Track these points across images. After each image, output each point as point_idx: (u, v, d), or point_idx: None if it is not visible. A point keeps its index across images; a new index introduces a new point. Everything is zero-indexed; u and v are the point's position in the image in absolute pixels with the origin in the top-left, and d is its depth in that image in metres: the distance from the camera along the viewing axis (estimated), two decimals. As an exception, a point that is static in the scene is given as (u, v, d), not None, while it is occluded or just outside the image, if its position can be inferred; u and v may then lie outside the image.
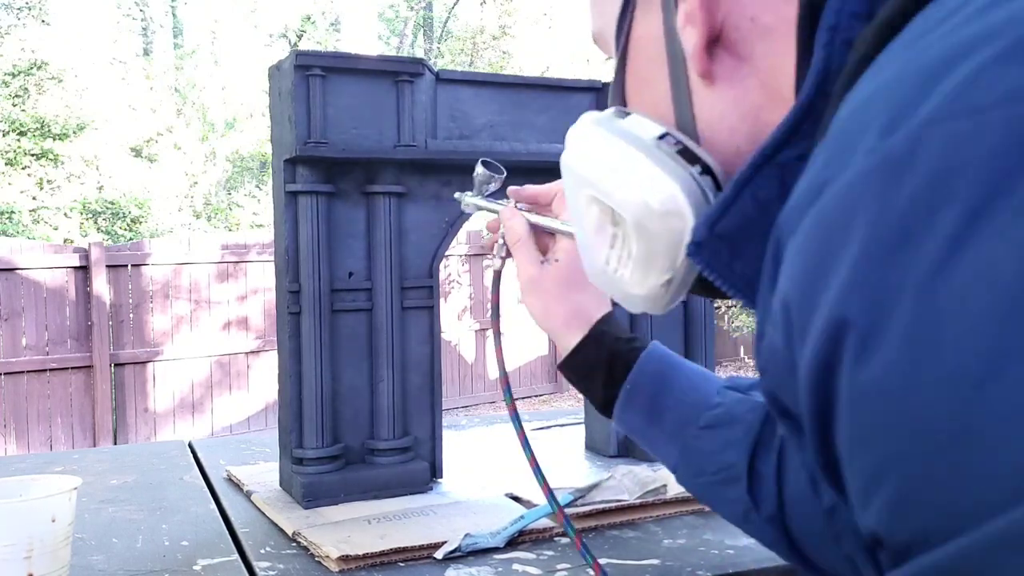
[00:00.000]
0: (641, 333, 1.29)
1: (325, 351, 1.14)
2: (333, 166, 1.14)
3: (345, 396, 1.17)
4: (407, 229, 1.19)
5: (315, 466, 1.13)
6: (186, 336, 6.30)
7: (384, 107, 1.15)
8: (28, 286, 5.70)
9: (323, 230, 1.14)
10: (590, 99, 1.29)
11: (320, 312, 1.14)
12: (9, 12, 10.68)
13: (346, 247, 1.16)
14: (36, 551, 0.79)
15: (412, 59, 1.17)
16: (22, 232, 8.40)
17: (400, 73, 1.15)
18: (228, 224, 11.16)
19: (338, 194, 1.16)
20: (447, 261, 7.50)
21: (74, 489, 0.84)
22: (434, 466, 1.21)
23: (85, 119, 9.75)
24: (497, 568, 0.91)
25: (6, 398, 5.65)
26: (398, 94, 1.15)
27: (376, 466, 1.16)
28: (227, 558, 0.96)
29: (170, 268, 6.24)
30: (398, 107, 1.15)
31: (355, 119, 1.14)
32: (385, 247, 1.17)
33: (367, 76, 1.14)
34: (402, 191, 1.18)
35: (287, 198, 1.14)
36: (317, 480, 1.12)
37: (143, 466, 1.41)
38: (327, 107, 1.12)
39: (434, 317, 1.22)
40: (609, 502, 1.08)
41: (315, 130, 1.11)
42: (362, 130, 1.14)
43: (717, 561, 0.91)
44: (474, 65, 13.36)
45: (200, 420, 6.37)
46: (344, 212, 1.16)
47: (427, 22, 16.61)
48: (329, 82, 1.12)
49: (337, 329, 1.16)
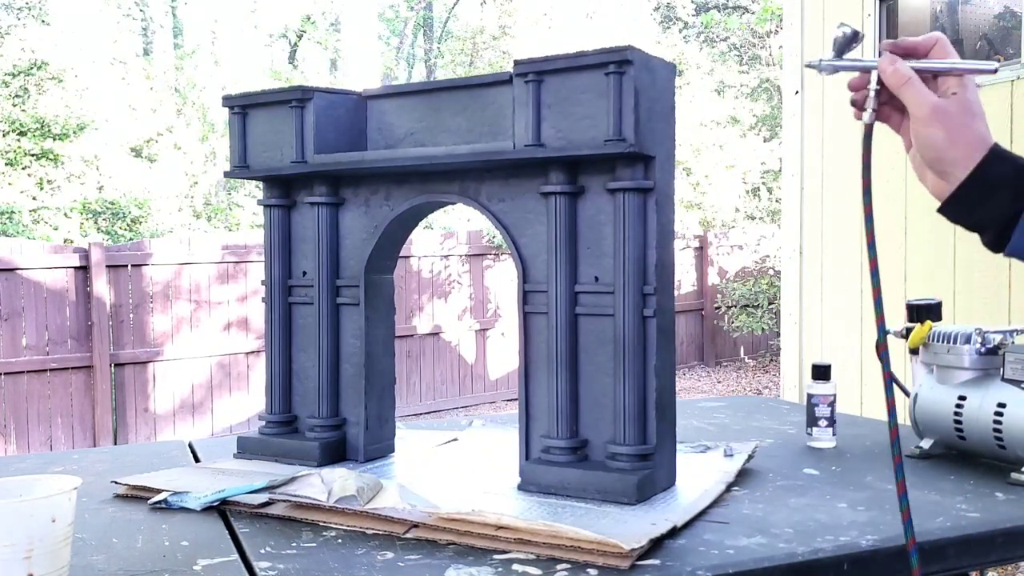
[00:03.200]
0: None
1: (282, 337, 1.42)
2: (291, 182, 1.41)
3: (299, 375, 1.43)
4: (343, 234, 1.39)
5: (270, 429, 1.41)
6: (186, 336, 6.30)
7: (284, 131, 1.36)
8: (28, 286, 5.70)
9: (280, 236, 1.42)
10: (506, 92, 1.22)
11: (278, 303, 1.42)
12: (9, 12, 10.67)
13: (301, 250, 1.42)
14: (36, 551, 0.79)
15: (299, 87, 1.34)
16: (22, 232, 8.39)
17: (289, 100, 1.34)
18: (228, 224, 11.15)
19: (292, 206, 1.42)
20: (447, 261, 7.50)
21: (74, 489, 0.84)
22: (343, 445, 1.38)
23: (85, 119, 9.74)
24: (497, 568, 0.91)
25: (6, 398, 5.65)
26: (294, 119, 1.34)
27: (304, 437, 1.38)
28: (227, 558, 0.96)
29: (170, 268, 6.24)
30: (294, 130, 1.34)
31: (264, 144, 1.38)
32: (319, 250, 1.38)
33: (271, 107, 1.36)
34: (334, 201, 1.37)
35: (264, 210, 1.43)
36: (257, 439, 1.40)
37: (143, 466, 1.41)
38: (247, 137, 1.40)
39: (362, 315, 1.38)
40: (303, 498, 1.08)
41: (237, 156, 1.40)
42: (270, 152, 1.38)
43: (717, 561, 0.91)
44: (474, 65, 13.35)
45: (200, 421, 6.37)
46: (298, 220, 1.43)
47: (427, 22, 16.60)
48: (248, 117, 1.39)
49: (294, 319, 1.43)
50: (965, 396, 1.29)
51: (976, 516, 1.05)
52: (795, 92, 4.65)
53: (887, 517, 1.05)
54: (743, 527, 1.02)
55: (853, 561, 0.95)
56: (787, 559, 0.93)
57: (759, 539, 0.98)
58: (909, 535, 0.79)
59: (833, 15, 4.36)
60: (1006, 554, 1.04)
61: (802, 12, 4.59)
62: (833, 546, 0.96)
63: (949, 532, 1.01)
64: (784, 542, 0.97)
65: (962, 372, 1.31)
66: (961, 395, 1.30)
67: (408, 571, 0.91)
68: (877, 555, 0.96)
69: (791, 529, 1.01)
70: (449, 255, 7.51)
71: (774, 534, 1.00)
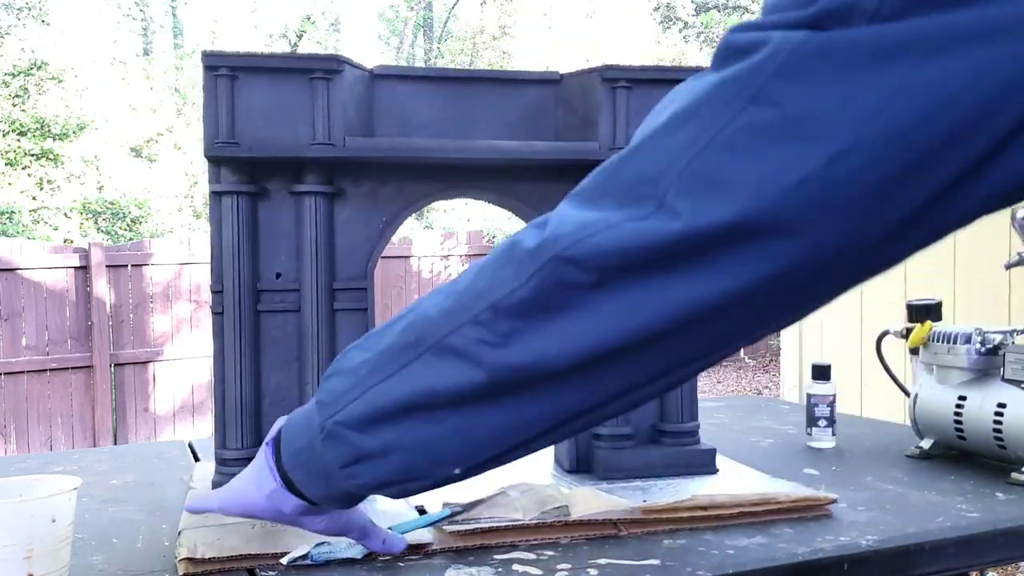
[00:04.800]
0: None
1: (247, 352, 1.12)
2: (258, 166, 1.12)
3: (272, 397, 1.14)
4: (339, 230, 1.16)
5: (236, 467, 1.06)
6: (187, 337, 6.30)
7: (298, 106, 1.11)
8: (28, 286, 5.70)
9: (245, 231, 1.11)
10: (549, 91, 1.23)
11: (241, 313, 1.11)
12: (9, 12, 10.68)
13: (273, 248, 1.14)
14: (36, 551, 0.79)
15: (328, 56, 1.13)
16: (22, 232, 8.39)
17: (314, 71, 1.11)
18: (228, 224, 11.13)
19: (263, 194, 1.14)
20: (447, 261, 7.50)
21: (74, 489, 0.84)
22: None
23: (85, 119, 9.75)
24: (497, 568, 0.91)
25: (6, 398, 5.65)
26: (312, 92, 1.11)
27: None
28: (227, 558, 0.96)
29: (171, 268, 6.24)
30: (312, 105, 1.11)
31: (266, 119, 1.10)
32: (312, 248, 1.14)
33: (278, 75, 1.11)
34: (331, 191, 1.15)
35: (212, 198, 1.12)
36: (220, 479, 1.09)
37: (143, 466, 1.41)
38: (236, 107, 1.09)
39: (369, 320, 1.18)
40: (498, 520, 0.98)
41: (223, 130, 1.08)
42: (273, 129, 1.10)
43: (717, 561, 0.91)
44: (474, 65, 13.36)
45: (200, 421, 6.37)
46: (270, 212, 1.14)
47: (427, 22, 16.61)
48: (239, 82, 1.09)
49: (264, 331, 1.14)
50: (965, 396, 1.29)
51: (976, 516, 1.05)
52: (795, 92, 4.65)
53: (887, 517, 1.05)
54: (743, 527, 1.03)
55: (853, 561, 0.95)
56: (787, 559, 0.93)
57: (759, 539, 0.98)
58: None
59: (833, 15, 4.37)
60: (1006, 554, 1.04)
61: (802, 12, 4.59)
62: (833, 546, 0.96)
63: (949, 532, 1.01)
64: (784, 542, 0.97)
65: (962, 372, 1.31)
66: (961, 395, 1.30)
67: (408, 571, 0.91)
68: (877, 555, 0.96)
69: (791, 529, 1.01)
70: (449, 255, 7.52)
71: (774, 534, 1.00)
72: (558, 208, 0.59)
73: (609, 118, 1.18)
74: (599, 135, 1.18)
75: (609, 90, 1.17)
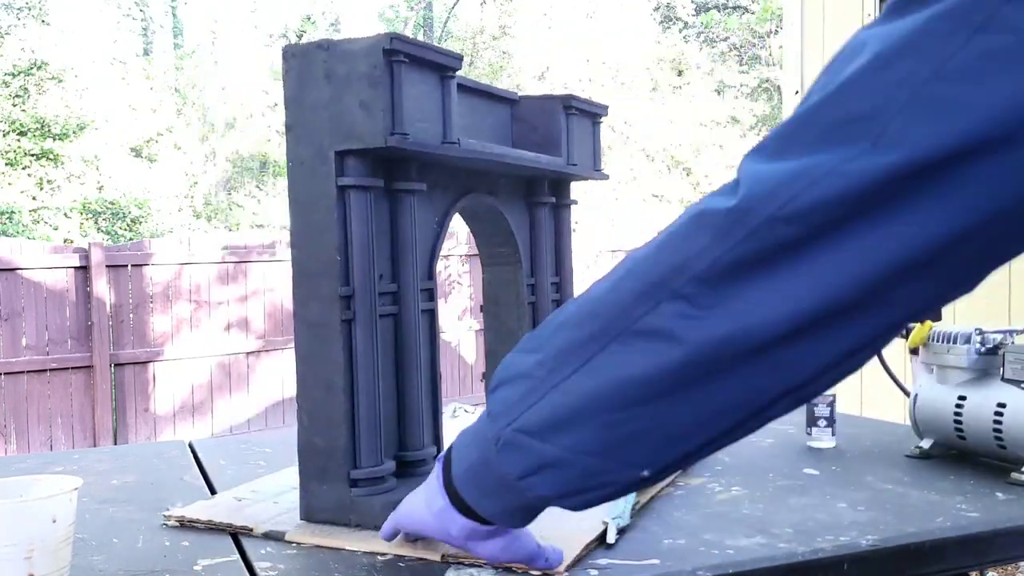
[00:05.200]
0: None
1: (386, 362, 1.05)
2: (377, 160, 1.03)
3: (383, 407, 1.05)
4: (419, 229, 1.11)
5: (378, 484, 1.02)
6: (187, 337, 6.30)
7: (435, 101, 1.05)
8: (28, 286, 5.70)
9: (374, 228, 1.02)
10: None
11: (374, 318, 1.03)
12: (9, 12, 10.68)
13: (377, 248, 1.04)
14: (37, 551, 0.79)
15: (459, 54, 1.07)
16: (22, 232, 8.40)
17: (446, 68, 1.05)
18: (228, 224, 11.16)
19: (389, 193, 1.07)
20: (447, 261, 7.50)
21: (75, 489, 0.84)
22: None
23: (85, 119, 9.75)
24: (497, 569, 0.91)
25: (6, 398, 5.65)
26: (443, 89, 1.05)
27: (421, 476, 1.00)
28: (227, 558, 0.96)
29: (171, 268, 6.24)
30: (443, 102, 1.05)
31: (417, 112, 1.01)
32: (413, 247, 1.07)
33: (426, 70, 1.03)
34: (424, 190, 1.09)
35: (338, 193, 1.00)
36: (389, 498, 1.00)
37: (143, 466, 1.41)
38: (404, 99, 0.99)
39: (435, 320, 1.16)
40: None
41: (391, 119, 0.98)
42: (420, 124, 1.02)
43: (717, 561, 0.92)
44: (474, 65, 13.35)
45: (200, 421, 6.37)
46: (386, 212, 1.07)
47: (427, 22, 16.61)
48: (404, 73, 0.99)
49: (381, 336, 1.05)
50: (965, 396, 1.29)
51: (976, 516, 1.06)
52: (795, 92, 4.65)
53: (887, 517, 1.05)
54: (743, 527, 1.03)
55: (853, 561, 0.95)
56: (787, 559, 0.93)
57: (759, 539, 0.98)
58: None
59: (833, 15, 4.36)
60: (1006, 554, 1.04)
61: (802, 12, 4.59)
62: (833, 546, 0.96)
63: (949, 532, 1.01)
64: (784, 542, 0.97)
65: (962, 372, 1.31)
66: (961, 395, 1.30)
67: (408, 571, 0.91)
68: (877, 555, 0.96)
69: (791, 529, 1.01)
70: (449, 255, 7.51)
71: (774, 534, 1.00)
72: (742, 168, 0.56)
73: (566, 139, 1.30)
74: (562, 153, 1.29)
75: (567, 116, 1.31)
